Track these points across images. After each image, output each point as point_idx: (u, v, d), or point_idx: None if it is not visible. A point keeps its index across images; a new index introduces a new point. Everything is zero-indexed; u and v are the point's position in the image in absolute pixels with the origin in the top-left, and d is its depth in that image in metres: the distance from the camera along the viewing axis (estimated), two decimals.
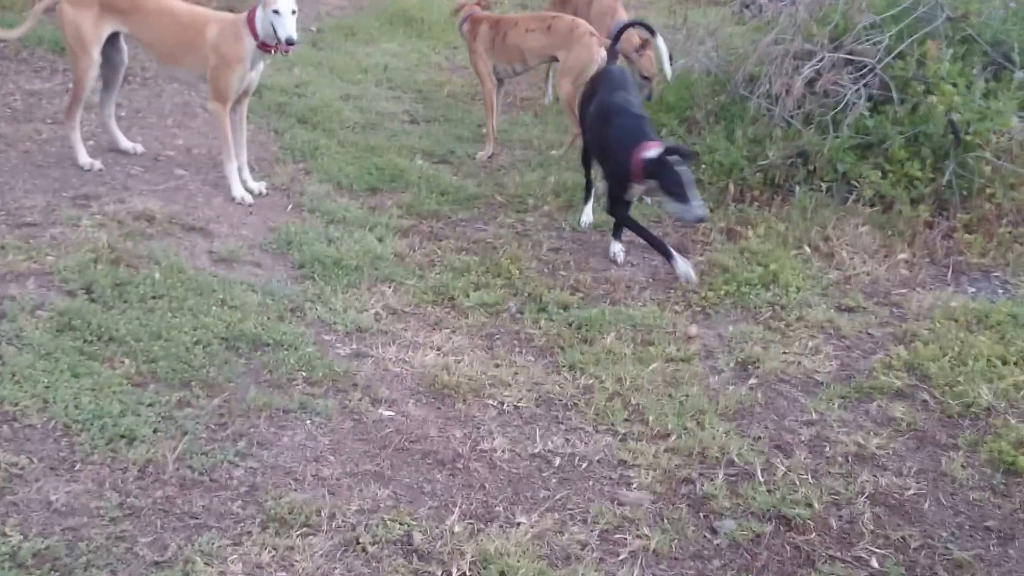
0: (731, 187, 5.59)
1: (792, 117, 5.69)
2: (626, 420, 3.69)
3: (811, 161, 5.60)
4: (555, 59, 6.36)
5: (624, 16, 6.70)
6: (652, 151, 4.65)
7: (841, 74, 5.63)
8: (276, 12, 4.74)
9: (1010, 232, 5.24)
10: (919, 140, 5.50)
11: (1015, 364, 4.05)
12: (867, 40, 5.83)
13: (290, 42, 4.78)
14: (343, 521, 3.03)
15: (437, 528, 3.04)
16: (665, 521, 3.16)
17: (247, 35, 4.90)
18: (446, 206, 5.55)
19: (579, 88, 5.80)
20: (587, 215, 5.47)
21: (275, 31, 4.77)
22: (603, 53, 5.79)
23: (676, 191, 4.58)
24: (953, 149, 5.38)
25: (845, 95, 5.59)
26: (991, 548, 3.07)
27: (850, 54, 5.72)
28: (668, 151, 4.62)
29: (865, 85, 5.67)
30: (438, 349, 4.09)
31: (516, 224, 5.41)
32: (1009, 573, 2.96)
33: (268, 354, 3.88)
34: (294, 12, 4.80)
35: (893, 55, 5.75)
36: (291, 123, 6.49)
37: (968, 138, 5.35)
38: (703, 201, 4.76)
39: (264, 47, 4.91)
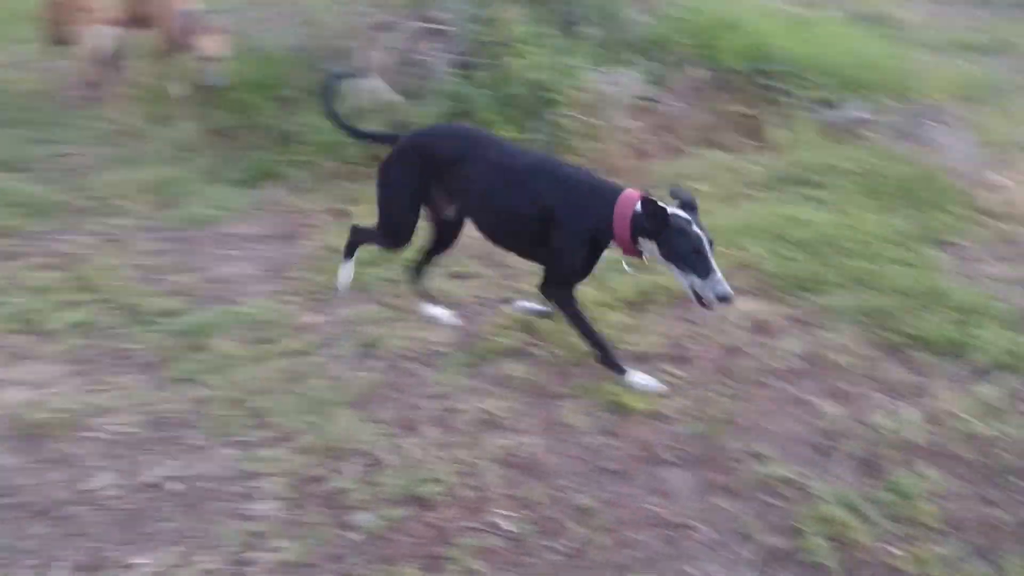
0: (334, 165, 5.48)
1: (387, 89, 5.68)
2: (249, 427, 3.48)
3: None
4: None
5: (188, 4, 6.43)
6: (643, 202, 3.43)
7: (428, 43, 5.71)
8: None
9: None
10: (509, 102, 5.71)
11: (615, 307, 4.33)
12: (450, 8, 5.96)
13: None
14: None
15: None
16: (299, 527, 3.01)
17: None
18: (21, 219, 4.92)
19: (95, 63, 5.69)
20: (346, 274, 4.44)
21: None
22: (105, 31, 5.61)
23: (691, 259, 3.39)
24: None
25: (432, 63, 5.68)
26: (611, 489, 3.23)
27: (434, 22, 5.81)
28: (673, 202, 3.47)
29: (460, 53, 5.79)
30: (24, 384, 3.61)
31: (106, 230, 4.91)
32: (629, 509, 3.14)
33: None
34: None
35: (475, 21, 5.91)
36: None
37: (550, 95, 5.64)
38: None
39: None
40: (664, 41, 6.51)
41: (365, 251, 4.73)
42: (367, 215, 5.04)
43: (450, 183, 3.88)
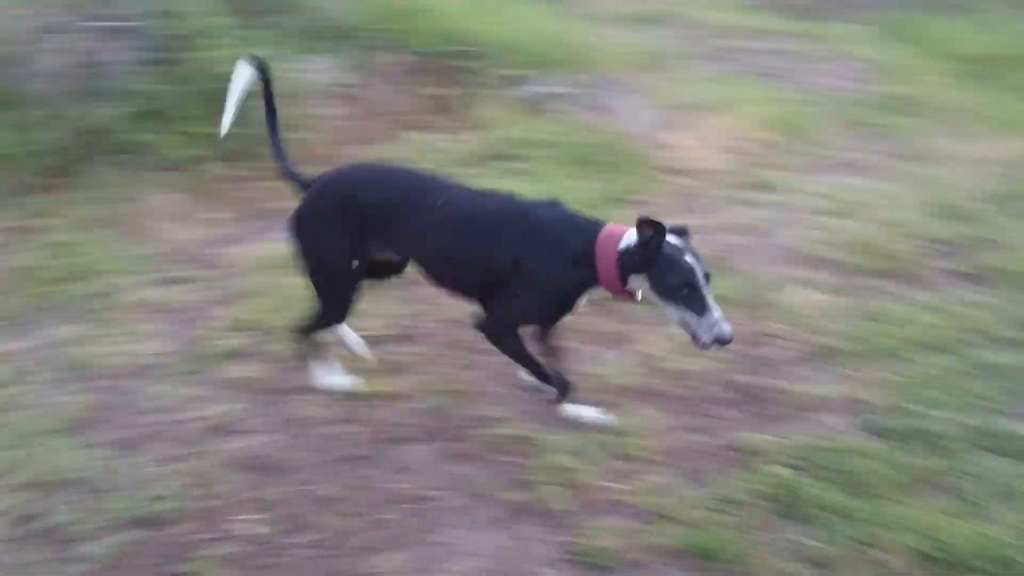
0: (14, 178, 5.06)
1: (67, 93, 5.29)
2: None
3: (102, 137, 5.29)
4: None
5: None
6: (628, 237, 3.04)
7: (111, 42, 5.36)
8: None
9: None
10: (202, 97, 5.48)
11: None
12: (131, 4, 5.63)
13: None
14: None
15: None
16: (21, 570, 2.79)
17: None
18: None
19: None
20: (338, 378, 3.68)
21: None
22: None
23: (683, 295, 2.98)
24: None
25: (115, 63, 5.35)
26: (354, 475, 3.25)
27: (113, 20, 5.47)
28: (659, 230, 2.95)
29: (148, 49, 5.48)
30: None
31: None
32: (374, 491, 3.17)
33: None
34: None
35: (162, 16, 5.62)
36: None
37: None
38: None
39: None
40: (360, 27, 6.52)
41: (60, 267, 4.44)
42: (60, 230, 4.73)
43: (389, 235, 3.32)
